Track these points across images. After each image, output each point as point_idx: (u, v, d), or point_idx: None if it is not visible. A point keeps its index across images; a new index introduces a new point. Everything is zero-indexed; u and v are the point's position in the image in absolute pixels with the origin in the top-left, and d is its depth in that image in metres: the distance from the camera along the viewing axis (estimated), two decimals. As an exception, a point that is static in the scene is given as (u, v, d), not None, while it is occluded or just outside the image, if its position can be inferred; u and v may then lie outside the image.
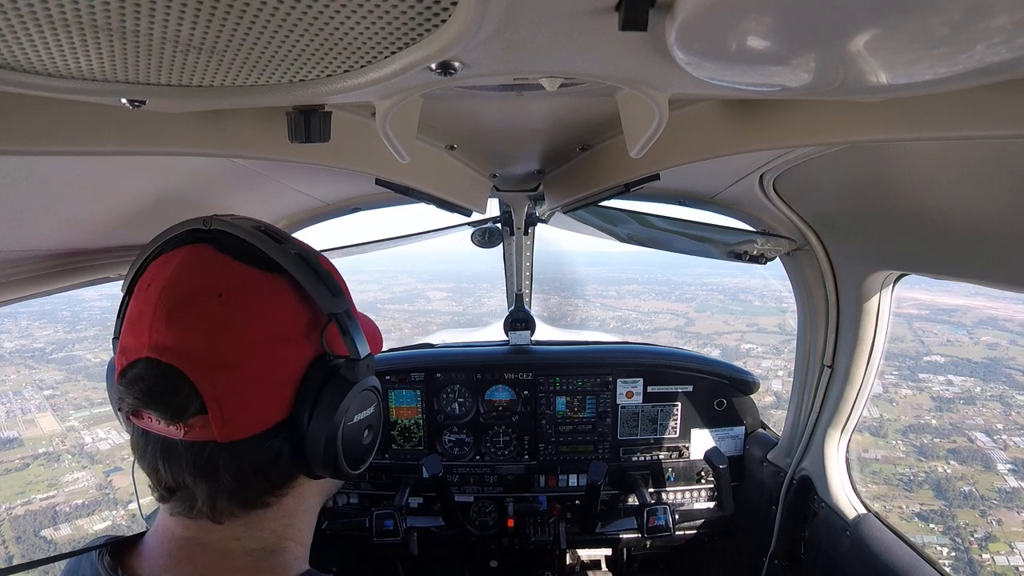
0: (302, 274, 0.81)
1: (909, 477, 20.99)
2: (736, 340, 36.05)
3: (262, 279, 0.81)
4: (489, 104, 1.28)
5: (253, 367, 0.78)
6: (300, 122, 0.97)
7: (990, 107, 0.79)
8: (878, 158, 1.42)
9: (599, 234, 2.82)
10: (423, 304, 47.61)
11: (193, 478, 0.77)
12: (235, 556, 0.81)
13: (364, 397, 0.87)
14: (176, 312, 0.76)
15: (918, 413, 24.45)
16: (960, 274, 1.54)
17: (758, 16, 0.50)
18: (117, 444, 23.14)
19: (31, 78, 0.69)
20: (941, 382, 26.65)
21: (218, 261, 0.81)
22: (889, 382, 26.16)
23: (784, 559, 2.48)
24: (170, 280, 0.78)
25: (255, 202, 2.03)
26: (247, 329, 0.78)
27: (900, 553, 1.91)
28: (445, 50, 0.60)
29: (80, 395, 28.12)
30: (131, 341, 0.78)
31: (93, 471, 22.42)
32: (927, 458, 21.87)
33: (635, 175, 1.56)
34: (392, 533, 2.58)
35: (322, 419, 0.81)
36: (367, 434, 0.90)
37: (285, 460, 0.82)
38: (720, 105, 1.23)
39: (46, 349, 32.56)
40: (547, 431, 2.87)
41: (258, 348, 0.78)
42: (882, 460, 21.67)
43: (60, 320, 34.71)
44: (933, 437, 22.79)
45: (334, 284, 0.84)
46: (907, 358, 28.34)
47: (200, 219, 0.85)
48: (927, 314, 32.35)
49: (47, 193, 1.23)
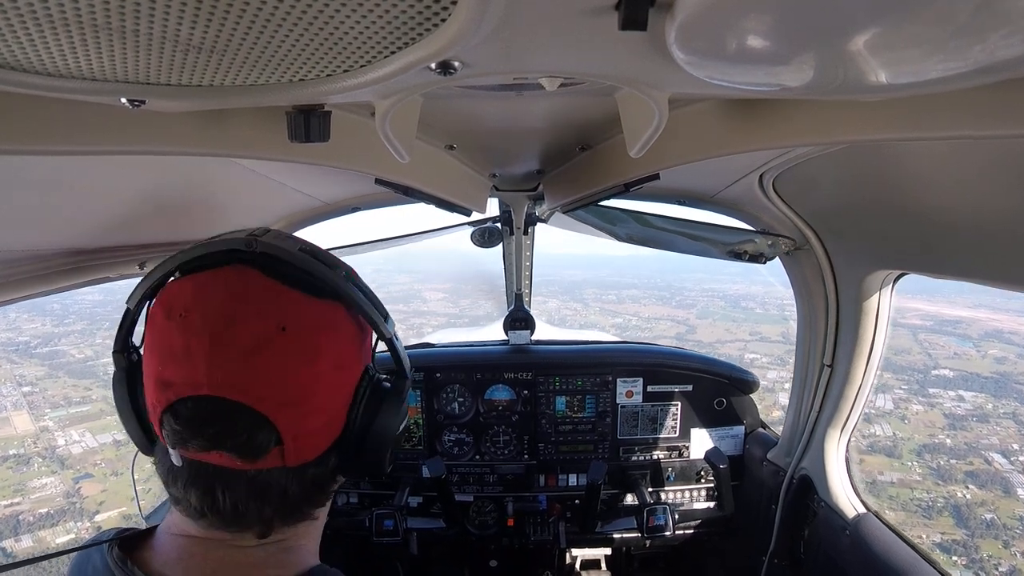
0: (358, 301, 0.82)
1: (928, 503, 20.05)
2: (739, 349, 35.30)
3: (321, 309, 0.80)
4: (489, 104, 1.28)
5: (322, 397, 0.80)
6: (300, 122, 0.97)
7: (990, 106, 0.79)
8: (878, 157, 1.42)
9: (599, 234, 2.82)
10: (419, 305, 47.35)
11: (255, 502, 0.78)
12: (246, 552, 0.82)
13: (404, 408, 0.93)
14: (239, 347, 0.72)
15: (931, 431, 23.57)
16: (960, 273, 1.54)
17: (758, 16, 0.50)
18: (90, 448, 22.33)
19: (30, 77, 0.69)
20: (952, 398, 25.73)
21: (270, 289, 0.77)
22: (899, 397, 25.37)
23: (784, 558, 2.48)
24: (222, 310, 0.74)
25: (254, 202, 2.03)
26: (315, 364, 0.77)
27: (900, 552, 1.91)
28: (445, 50, 0.59)
29: (59, 393, 27.06)
30: (178, 374, 0.73)
31: (62, 477, 21.28)
32: (945, 481, 20.92)
33: (635, 175, 1.56)
34: (392, 533, 2.58)
35: (379, 434, 0.86)
36: (402, 437, 0.96)
37: (333, 471, 0.86)
38: (720, 105, 1.23)
39: (31, 343, 31.79)
40: (547, 431, 2.87)
41: (325, 380, 0.79)
42: (898, 484, 20.84)
43: (49, 313, 33.90)
44: (949, 458, 21.88)
45: (382, 307, 0.88)
46: (915, 371, 27.56)
47: (240, 239, 0.79)
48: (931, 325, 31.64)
49: (47, 193, 1.23)
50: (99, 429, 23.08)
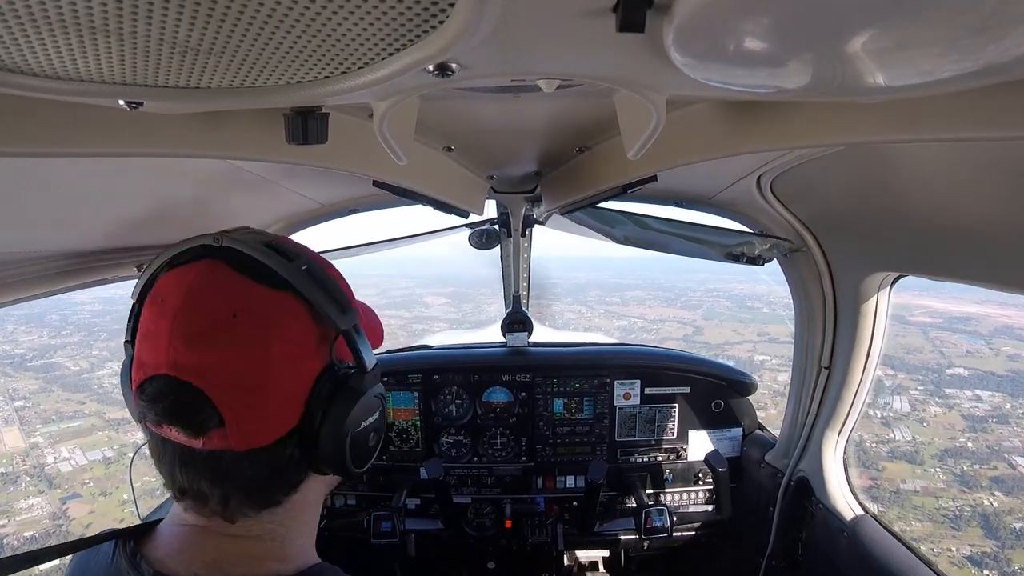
0: (312, 292, 0.83)
1: (955, 512, 18.94)
2: (748, 351, 34.04)
3: (273, 298, 0.83)
4: (486, 105, 1.28)
5: (268, 385, 0.80)
6: (297, 123, 0.97)
7: (987, 109, 0.79)
8: (876, 159, 1.43)
9: (597, 236, 2.82)
10: (421, 310, 46.89)
11: (209, 483, 0.81)
12: (244, 543, 0.85)
13: (370, 404, 0.91)
14: (192, 331, 0.78)
15: (952, 435, 22.44)
16: (958, 275, 1.54)
17: (756, 18, 0.50)
18: (80, 466, 21.36)
19: (28, 80, 0.69)
20: (969, 398, 24.66)
21: (230, 279, 0.83)
22: (915, 398, 24.38)
23: (782, 560, 2.48)
24: (186, 297, 0.81)
25: (252, 204, 2.02)
26: (263, 350, 0.80)
27: (897, 554, 1.91)
28: (443, 52, 0.60)
29: (51, 407, 26.09)
30: (148, 356, 0.80)
31: (49, 497, 20.26)
32: (970, 488, 19.87)
33: (632, 176, 1.56)
34: (390, 534, 2.57)
35: (332, 428, 0.85)
36: (372, 437, 0.94)
37: (296, 461, 0.86)
38: (717, 106, 1.23)
39: (27, 355, 30.71)
40: (544, 432, 2.87)
41: (275, 367, 0.81)
42: (922, 492, 19.69)
43: (47, 324, 33.08)
44: (972, 463, 20.84)
45: (342, 299, 0.86)
46: (930, 371, 26.59)
47: (211, 235, 0.87)
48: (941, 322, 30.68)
49: (45, 195, 1.23)
50: (89, 445, 22.46)
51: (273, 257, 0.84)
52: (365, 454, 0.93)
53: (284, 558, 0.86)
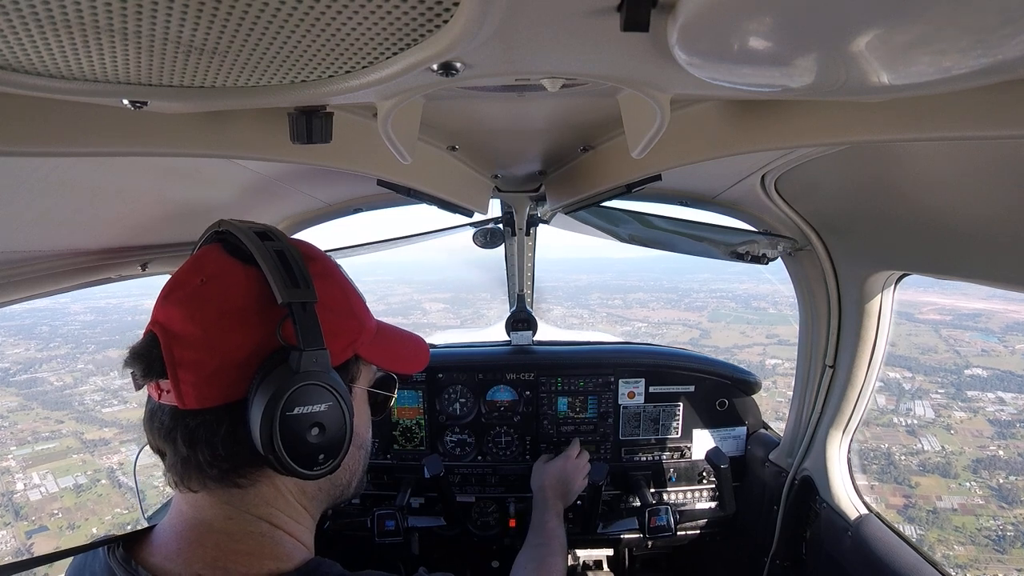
0: (268, 266, 0.87)
1: (997, 532, 17.82)
2: (759, 355, 33.08)
3: (239, 269, 0.90)
4: (491, 105, 1.28)
5: (213, 347, 0.84)
6: (302, 123, 0.97)
7: (992, 107, 0.78)
8: (880, 158, 1.42)
9: (601, 235, 2.82)
10: (419, 317, 46.55)
11: (163, 439, 0.87)
12: (239, 539, 0.86)
13: (311, 391, 0.84)
14: (168, 292, 0.89)
15: (981, 442, 21.41)
16: (962, 274, 1.54)
17: (760, 17, 0.50)
18: (50, 494, 20.32)
19: (33, 79, 0.69)
20: (992, 400, 23.62)
21: (214, 255, 0.93)
22: (938, 403, 23.41)
23: (786, 559, 2.48)
24: (181, 268, 0.92)
25: (255, 203, 2.03)
26: (211, 308, 0.86)
27: (902, 554, 1.90)
28: (447, 51, 0.60)
29: (28, 427, 24.90)
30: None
31: (15, 529, 19.06)
32: (1010, 504, 18.68)
33: (637, 176, 1.56)
34: (394, 533, 2.58)
35: (258, 404, 0.81)
36: (315, 432, 0.85)
37: (240, 443, 0.85)
38: (722, 105, 1.23)
39: (11, 370, 29.34)
40: (549, 431, 2.87)
41: (216, 326, 0.85)
42: (961, 510, 18.48)
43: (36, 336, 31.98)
44: (1008, 474, 19.79)
45: (299, 277, 0.87)
46: (948, 372, 25.73)
47: (216, 223, 0.99)
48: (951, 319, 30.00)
49: (49, 194, 1.23)
50: (63, 471, 21.68)
51: (251, 237, 0.91)
52: (305, 449, 0.84)
53: (281, 556, 0.87)
